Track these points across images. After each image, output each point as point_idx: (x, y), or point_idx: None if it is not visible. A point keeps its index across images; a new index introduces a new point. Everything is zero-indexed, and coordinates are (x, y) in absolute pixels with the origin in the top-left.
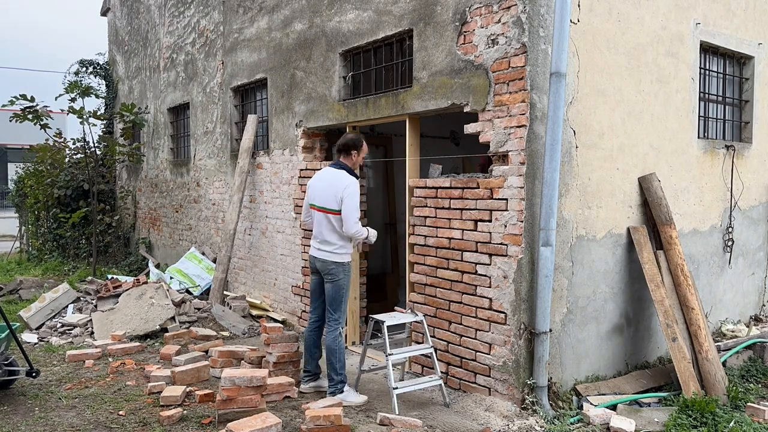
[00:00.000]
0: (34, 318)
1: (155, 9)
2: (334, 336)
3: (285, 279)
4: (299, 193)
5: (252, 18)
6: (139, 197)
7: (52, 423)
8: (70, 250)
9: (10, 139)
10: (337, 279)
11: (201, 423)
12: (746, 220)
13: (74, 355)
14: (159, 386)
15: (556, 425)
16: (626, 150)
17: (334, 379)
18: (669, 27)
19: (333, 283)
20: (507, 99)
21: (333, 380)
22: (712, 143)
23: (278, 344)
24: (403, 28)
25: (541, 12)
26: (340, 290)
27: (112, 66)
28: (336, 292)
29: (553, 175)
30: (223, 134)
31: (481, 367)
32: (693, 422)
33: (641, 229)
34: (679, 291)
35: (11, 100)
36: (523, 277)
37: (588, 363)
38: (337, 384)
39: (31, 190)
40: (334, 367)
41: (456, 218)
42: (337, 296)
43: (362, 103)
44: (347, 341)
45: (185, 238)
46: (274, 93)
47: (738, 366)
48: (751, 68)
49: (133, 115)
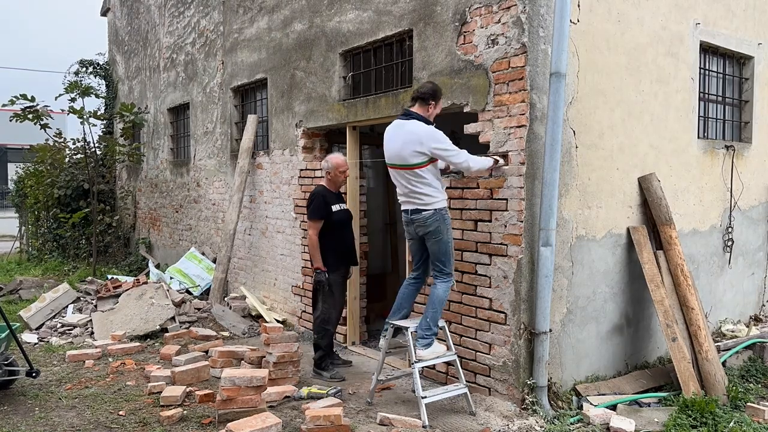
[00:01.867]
0: (34, 318)
1: (155, 9)
2: (446, 287)
3: (285, 279)
4: (299, 193)
5: (252, 18)
6: (139, 197)
7: (52, 423)
8: (70, 250)
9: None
10: (439, 236)
11: (201, 423)
12: (746, 220)
13: (74, 355)
14: (159, 386)
15: (556, 425)
16: (626, 150)
17: (432, 330)
18: (669, 27)
19: (437, 240)
20: (507, 99)
21: (431, 330)
22: (711, 143)
23: (278, 344)
24: (403, 28)
25: (541, 12)
26: (447, 244)
27: (112, 66)
28: (442, 246)
29: (553, 175)
30: (223, 134)
31: (481, 367)
32: (693, 422)
33: (641, 229)
34: (678, 291)
35: (11, 100)
36: (523, 277)
37: (588, 363)
38: (433, 335)
39: (31, 190)
40: (436, 319)
41: (456, 218)
42: (444, 250)
43: (362, 103)
44: (347, 341)
45: (185, 238)
46: (274, 93)
47: (738, 366)
48: (751, 68)
49: (133, 115)
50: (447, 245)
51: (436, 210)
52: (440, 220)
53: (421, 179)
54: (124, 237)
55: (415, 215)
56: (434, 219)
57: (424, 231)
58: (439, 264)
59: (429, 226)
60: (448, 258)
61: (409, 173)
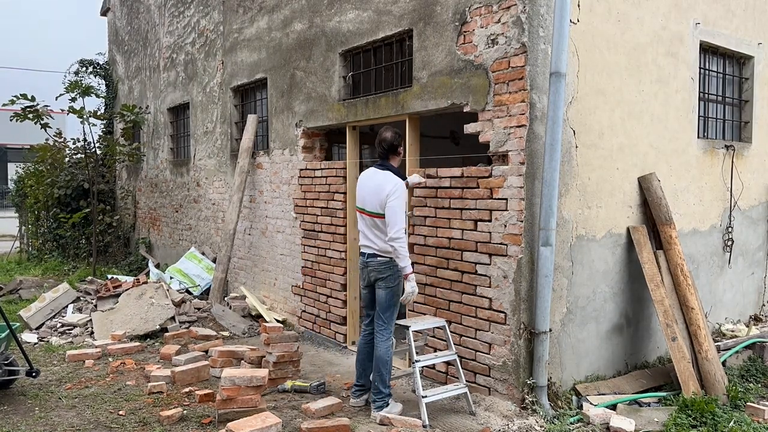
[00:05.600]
0: (34, 318)
1: (155, 9)
2: (387, 346)
3: (285, 279)
4: (299, 192)
5: (252, 18)
6: (139, 197)
7: (52, 423)
8: (70, 250)
9: (10, 139)
10: (391, 285)
11: (201, 423)
12: (746, 219)
13: (74, 355)
14: (159, 386)
15: (556, 425)
16: (626, 150)
17: (382, 392)
18: (669, 27)
19: (386, 287)
20: (507, 99)
21: (381, 393)
22: (711, 143)
23: (278, 344)
24: (403, 28)
25: (541, 12)
26: (394, 296)
27: (112, 66)
28: (389, 296)
29: (553, 174)
30: (223, 134)
31: (481, 366)
32: (693, 422)
33: (641, 228)
34: (678, 291)
35: (12, 100)
36: (523, 276)
37: (588, 363)
38: (385, 397)
39: (31, 190)
40: (383, 380)
41: (456, 218)
42: (391, 301)
43: (362, 103)
44: (347, 341)
45: (185, 237)
46: (274, 93)
47: (738, 366)
48: (751, 68)
49: (133, 114)
50: (394, 298)
51: (391, 259)
52: (394, 270)
53: (382, 230)
54: (124, 237)
55: (371, 259)
56: (388, 266)
57: (377, 276)
58: (382, 316)
59: (382, 272)
60: (392, 313)
61: (372, 220)
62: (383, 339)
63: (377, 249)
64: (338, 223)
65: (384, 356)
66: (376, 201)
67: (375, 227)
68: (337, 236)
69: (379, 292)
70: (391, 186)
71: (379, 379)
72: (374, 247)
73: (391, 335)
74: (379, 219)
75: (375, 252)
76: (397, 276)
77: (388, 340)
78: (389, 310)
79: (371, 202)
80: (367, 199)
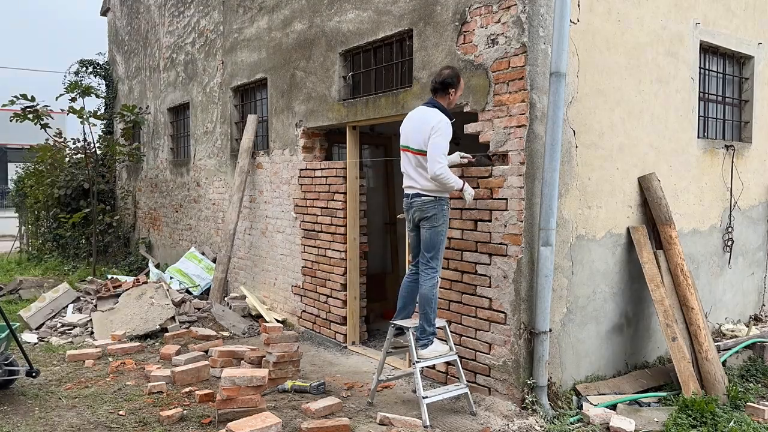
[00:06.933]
0: (34, 318)
1: (155, 9)
2: (431, 284)
3: (285, 279)
4: (299, 192)
5: (252, 18)
6: (139, 197)
7: (52, 423)
8: (70, 250)
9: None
10: (434, 224)
11: (201, 423)
12: (746, 219)
13: (74, 355)
14: (159, 386)
15: (556, 425)
16: (626, 150)
17: (426, 330)
18: (669, 27)
19: (430, 227)
20: (507, 99)
21: (426, 332)
22: (711, 143)
23: (278, 344)
24: (403, 28)
25: (541, 12)
26: (438, 235)
27: (112, 66)
28: (434, 236)
29: (553, 175)
30: (223, 134)
31: (481, 366)
32: (693, 422)
33: (641, 228)
34: (678, 291)
35: (11, 100)
36: (523, 276)
37: (588, 363)
38: (429, 335)
39: (31, 190)
40: (428, 318)
41: (456, 218)
42: (435, 240)
43: (362, 103)
44: (347, 341)
45: (185, 238)
46: (274, 93)
47: (738, 366)
48: (751, 68)
49: (133, 115)
50: (439, 236)
51: (436, 198)
52: (438, 208)
53: (426, 167)
54: (124, 237)
55: (415, 199)
56: (432, 205)
57: (421, 216)
58: (427, 255)
59: (426, 211)
60: (436, 251)
61: (416, 158)
62: (427, 277)
63: (420, 188)
64: (338, 223)
65: (428, 294)
66: (420, 137)
67: (419, 165)
68: (337, 236)
69: (423, 232)
70: (436, 121)
71: (424, 317)
72: (417, 186)
73: (435, 274)
74: (423, 157)
75: (418, 191)
76: (441, 215)
77: (432, 279)
78: (433, 249)
79: (415, 139)
80: (410, 136)
